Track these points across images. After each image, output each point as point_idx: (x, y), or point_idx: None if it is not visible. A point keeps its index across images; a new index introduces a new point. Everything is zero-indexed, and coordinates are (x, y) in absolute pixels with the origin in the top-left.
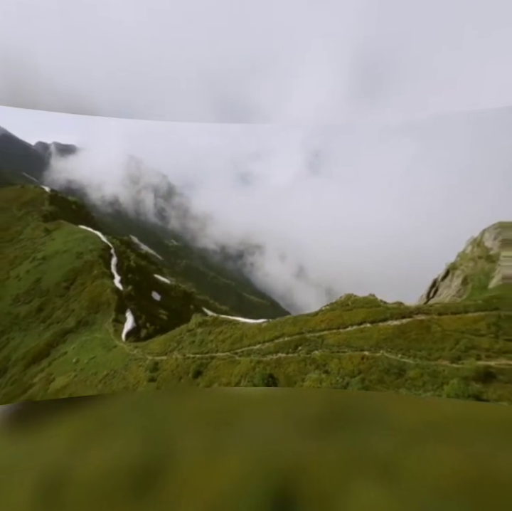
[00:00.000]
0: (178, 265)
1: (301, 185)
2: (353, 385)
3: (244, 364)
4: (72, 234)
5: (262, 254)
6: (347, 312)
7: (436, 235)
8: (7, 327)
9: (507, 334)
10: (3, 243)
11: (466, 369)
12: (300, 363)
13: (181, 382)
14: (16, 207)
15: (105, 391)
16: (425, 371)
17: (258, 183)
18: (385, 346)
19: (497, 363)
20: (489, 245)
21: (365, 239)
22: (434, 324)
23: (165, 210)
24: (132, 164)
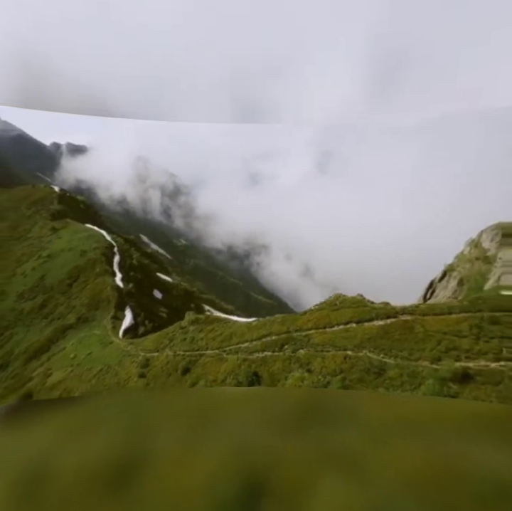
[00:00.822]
0: (187, 265)
1: (309, 185)
2: (333, 384)
3: (231, 361)
4: (77, 233)
5: (268, 254)
6: (334, 312)
7: (442, 236)
8: (11, 323)
9: (488, 335)
10: (11, 240)
11: (444, 370)
12: (285, 361)
13: (170, 379)
14: (25, 206)
15: (98, 386)
16: (404, 372)
17: (266, 183)
18: (368, 346)
19: (476, 364)
20: (486, 247)
21: (371, 239)
22: (418, 325)
23: (171, 209)
24: (141, 164)
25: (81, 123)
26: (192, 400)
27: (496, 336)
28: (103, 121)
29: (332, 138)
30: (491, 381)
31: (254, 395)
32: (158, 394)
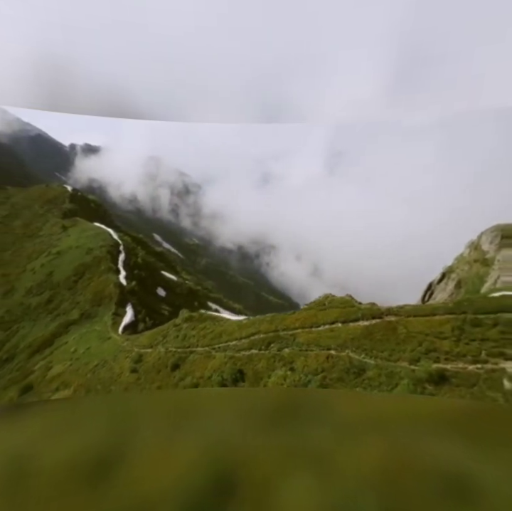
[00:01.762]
0: (199, 264)
1: (320, 185)
2: (313, 383)
3: (218, 359)
4: (85, 231)
5: (278, 254)
6: (321, 312)
7: (452, 236)
8: (19, 317)
9: (469, 337)
10: (24, 238)
11: (421, 371)
12: (269, 360)
13: (159, 375)
14: (39, 205)
15: (93, 380)
16: (383, 372)
17: (276, 183)
18: (351, 346)
19: (453, 366)
20: (486, 249)
21: (380, 239)
22: (401, 326)
23: (180, 208)
24: (152, 164)
25: (97, 124)
26: (173, 400)
27: (476, 339)
28: (118, 122)
29: (345, 138)
30: (466, 383)
31: (235, 395)
32: (142, 395)
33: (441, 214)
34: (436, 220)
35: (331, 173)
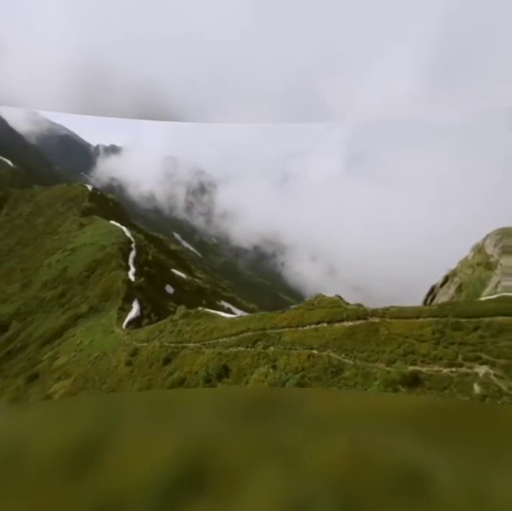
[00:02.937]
0: (216, 263)
1: (337, 186)
2: (291, 381)
3: (207, 354)
4: (100, 228)
5: (293, 254)
6: (309, 312)
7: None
8: (33, 309)
9: (448, 341)
10: (44, 235)
11: (396, 373)
12: (254, 357)
13: (152, 368)
14: (60, 203)
15: (91, 371)
16: (360, 372)
17: (293, 183)
18: (333, 346)
19: (428, 369)
20: (490, 252)
21: (395, 240)
22: (383, 327)
23: (196, 207)
24: (171, 163)
25: (120, 125)
26: (158, 400)
27: (455, 342)
28: (140, 122)
29: (367, 136)
30: (438, 386)
31: (216, 394)
32: (129, 395)
33: (461, 215)
34: (455, 222)
35: (350, 172)
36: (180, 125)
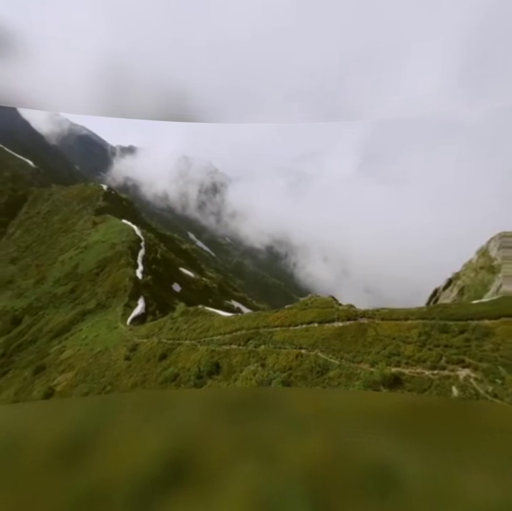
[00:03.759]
0: (230, 263)
1: (350, 186)
2: (277, 379)
3: (201, 351)
4: (112, 227)
5: (305, 254)
6: (302, 311)
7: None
8: (45, 304)
9: (433, 343)
10: (60, 232)
11: (377, 374)
12: (245, 355)
13: (148, 363)
14: (76, 202)
15: (93, 365)
16: (344, 372)
17: (306, 183)
18: (321, 346)
19: (411, 371)
20: (494, 255)
21: (408, 242)
22: (371, 329)
23: (209, 207)
24: (185, 163)
25: (137, 125)
26: (150, 400)
27: (440, 345)
28: (157, 124)
29: (387, 136)
30: (418, 388)
31: (203, 394)
32: (122, 396)
33: (475, 216)
34: (468, 223)
35: (365, 173)
36: (197, 125)
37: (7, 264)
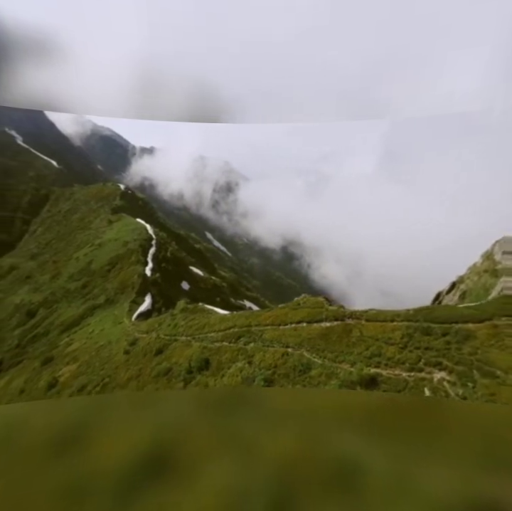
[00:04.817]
0: (246, 263)
1: (368, 187)
2: (260, 376)
3: (194, 347)
4: (126, 225)
5: (320, 255)
6: (293, 311)
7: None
8: (58, 298)
9: (415, 345)
10: (77, 230)
11: (356, 374)
12: (234, 352)
13: (145, 358)
14: (94, 201)
15: (95, 358)
16: (325, 372)
17: (323, 184)
18: (307, 345)
19: (389, 372)
20: (498, 259)
21: (425, 244)
22: (357, 329)
23: (224, 207)
24: (202, 164)
25: (157, 126)
26: (136, 400)
27: (421, 347)
28: (177, 125)
29: (411, 135)
30: (393, 389)
31: (189, 394)
32: (114, 396)
33: (492, 218)
34: (484, 225)
35: (384, 173)
36: (218, 125)
37: (27, 260)
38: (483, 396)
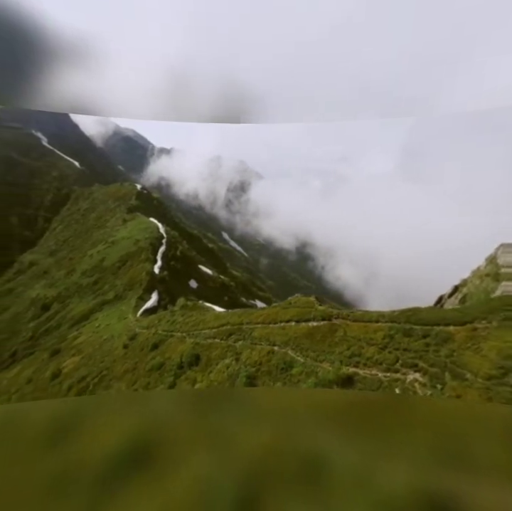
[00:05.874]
0: (261, 263)
1: (384, 188)
2: (246, 373)
3: (187, 343)
4: (139, 224)
5: (334, 257)
6: (283, 310)
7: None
8: (71, 293)
9: (394, 346)
10: (94, 228)
11: (333, 373)
12: (223, 349)
13: (141, 352)
14: (111, 200)
15: (97, 351)
16: (305, 370)
17: (339, 185)
18: (292, 344)
19: (365, 372)
20: (501, 263)
21: (441, 246)
22: (341, 329)
23: (238, 207)
24: (217, 163)
25: (175, 126)
26: (127, 399)
27: (400, 348)
28: (192, 124)
29: (431, 134)
30: (368, 388)
31: (176, 394)
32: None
33: (507, 220)
34: (499, 227)
35: (401, 173)
36: (233, 126)
37: (46, 256)
38: (449, 398)
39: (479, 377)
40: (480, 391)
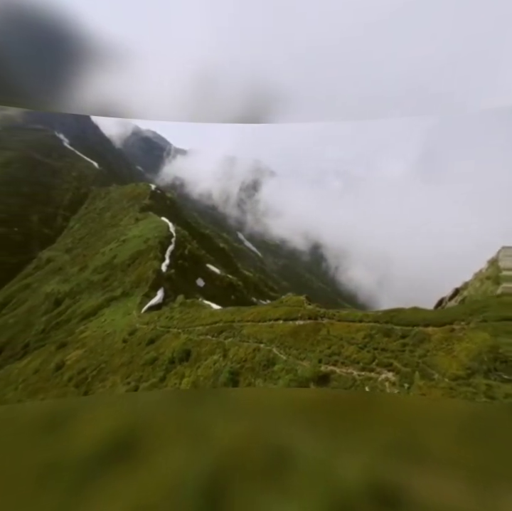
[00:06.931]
0: (276, 264)
1: (399, 189)
2: (230, 369)
3: (181, 339)
4: (150, 223)
5: (347, 259)
6: (273, 309)
7: None
8: (82, 289)
9: (373, 345)
10: (108, 227)
11: (310, 371)
12: (213, 345)
13: (138, 346)
14: (126, 200)
15: (99, 345)
16: (286, 368)
17: (354, 186)
18: (277, 342)
19: (342, 370)
20: (502, 265)
21: (456, 249)
22: (325, 329)
23: (251, 206)
24: (231, 164)
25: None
26: (117, 400)
27: (378, 348)
28: (207, 125)
29: (452, 133)
30: (341, 386)
31: (165, 394)
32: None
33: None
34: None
35: (417, 172)
36: (243, 126)
37: (63, 253)
38: (415, 396)
39: (446, 377)
40: (444, 390)
